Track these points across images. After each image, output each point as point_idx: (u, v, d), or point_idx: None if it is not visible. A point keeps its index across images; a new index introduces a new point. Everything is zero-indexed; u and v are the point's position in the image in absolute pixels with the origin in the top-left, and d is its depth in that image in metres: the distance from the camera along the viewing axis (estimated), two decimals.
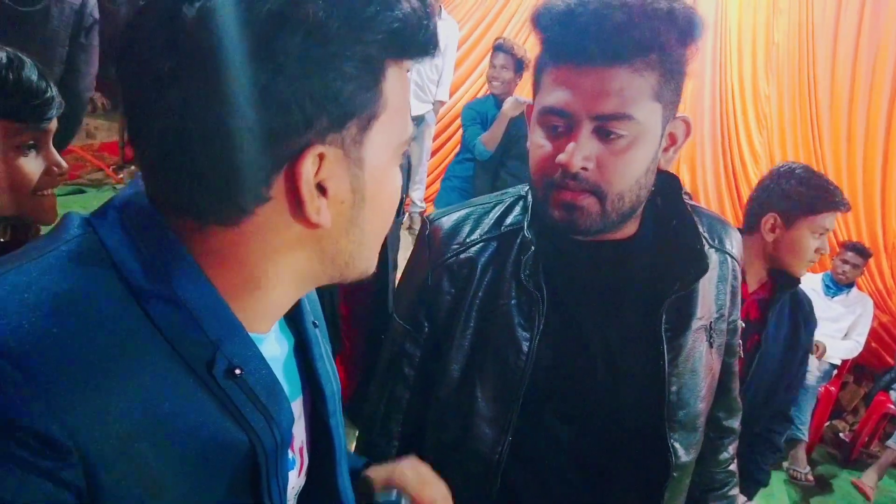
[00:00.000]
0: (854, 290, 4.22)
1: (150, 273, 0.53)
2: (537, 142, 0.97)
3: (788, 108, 4.63)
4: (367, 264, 0.63)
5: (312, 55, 0.49)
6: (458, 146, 4.10)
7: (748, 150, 4.76)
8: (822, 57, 4.47)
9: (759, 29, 4.66)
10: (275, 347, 0.66)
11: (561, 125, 0.93)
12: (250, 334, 0.59)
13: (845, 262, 4.11)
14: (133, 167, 6.28)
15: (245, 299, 0.58)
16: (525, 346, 1.00)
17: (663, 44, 0.88)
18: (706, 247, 1.05)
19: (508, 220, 1.06)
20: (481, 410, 1.02)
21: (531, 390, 1.00)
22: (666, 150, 0.98)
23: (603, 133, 0.90)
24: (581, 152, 0.90)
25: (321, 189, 0.54)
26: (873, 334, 4.33)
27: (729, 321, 1.12)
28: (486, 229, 1.06)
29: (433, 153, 5.50)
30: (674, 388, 1.02)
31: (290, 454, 0.67)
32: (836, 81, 4.43)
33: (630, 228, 1.02)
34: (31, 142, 1.11)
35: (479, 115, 3.66)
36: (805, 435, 3.73)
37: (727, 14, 4.70)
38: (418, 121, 4.82)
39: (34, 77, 1.09)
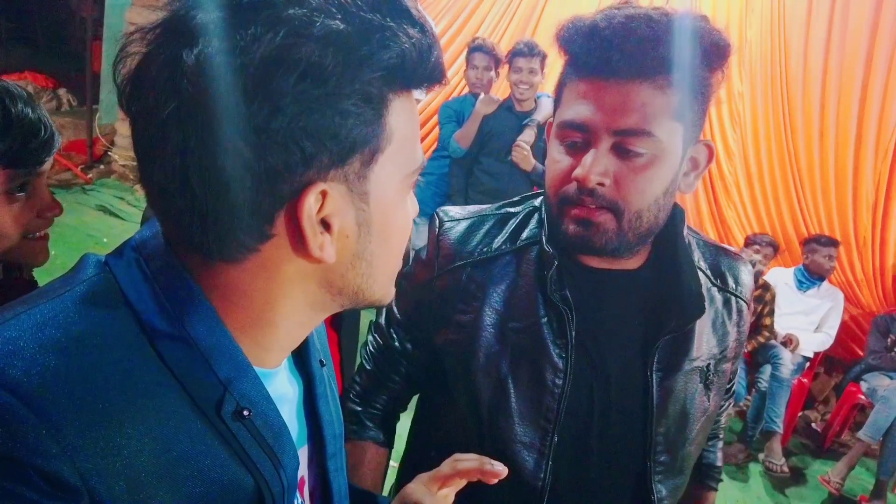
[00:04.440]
0: (825, 283, 4.32)
1: (164, 313, 0.54)
2: (554, 157, 0.95)
3: (761, 106, 4.68)
4: (380, 294, 0.62)
5: (309, 95, 0.49)
6: (436, 143, 4.10)
7: (722, 147, 4.81)
8: (795, 54, 4.52)
9: (732, 26, 4.70)
10: (286, 387, 0.66)
11: (579, 139, 0.91)
12: (259, 369, 0.59)
13: (830, 257, 4.16)
14: (102, 166, 6.14)
15: (254, 335, 0.58)
16: (561, 363, 0.96)
17: (687, 63, 0.86)
18: (707, 286, 1.02)
19: (525, 234, 1.03)
20: (518, 436, 0.98)
21: (567, 412, 0.97)
22: (687, 174, 0.96)
23: (622, 150, 0.88)
24: (598, 167, 0.88)
25: (325, 224, 0.54)
26: (843, 327, 4.42)
27: (734, 361, 1.08)
28: (501, 241, 1.03)
29: None
30: (661, 430, 0.99)
31: (300, 499, 0.67)
32: (808, 79, 4.50)
33: (639, 259, 1.00)
34: (23, 185, 0.96)
35: (456, 113, 3.66)
36: (780, 427, 3.81)
37: (700, 12, 4.73)
38: None
39: (30, 114, 0.93)
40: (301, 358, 0.70)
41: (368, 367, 1.15)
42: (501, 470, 0.78)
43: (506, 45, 5.32)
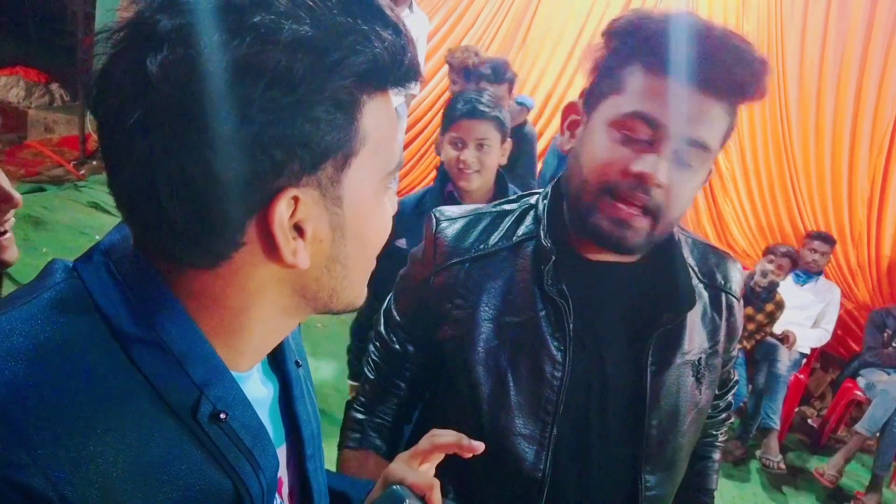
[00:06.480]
0: (822, 278, 4.32)
1: (135, 317, 0.52)
2: (606, 144, 0.91)
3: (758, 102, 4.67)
4: (353, 297, 0.62)
5: (278, 103, 0.47)
6: (427, 144, 4.04)
7: None
8: (791, 51, 4.53)
9: (729, 20, 4.69)
10: (260, 389, 0.65)
11: (646, 136, 0.89)
12: (234, 373, 0.58)
13: (814, 251, 4.20)
14: (95, 162, 6.10)
15: (228, 339, 0.57)
16: (560, 356, 0.98)
17: (752, 92, 0.89)
18: (695, 283, 1.05)
19: (521, 231, 1.04)
20: (518, 428, 0.99)
21: (565, 404, 0.99)
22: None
23: (679, 159, 0.90)
24: (665, 168, 0.88)
25: (298, 230, 0.53)
26: (840, 322, 4.43)
27: (724, 356, 1.11)
28: (497, 238, 1.05)
29: (405, 146, 5.45)
30: (653, 423, 1.01)
31: (279, 500, 0.66)
32: (805, 73, 4.50)
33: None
34: None
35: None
36: (777, 423, 3.80)
37: (697, 8, 4.73)
38: None
39: None
40: (276, 360, 0.69)
41: (372, 377, 1.16)
42: (478, 446, 0.80)
43: (497, 44, 5.23)
